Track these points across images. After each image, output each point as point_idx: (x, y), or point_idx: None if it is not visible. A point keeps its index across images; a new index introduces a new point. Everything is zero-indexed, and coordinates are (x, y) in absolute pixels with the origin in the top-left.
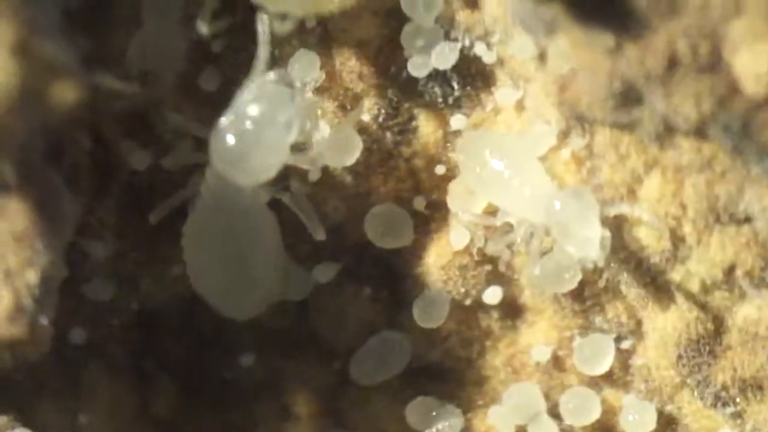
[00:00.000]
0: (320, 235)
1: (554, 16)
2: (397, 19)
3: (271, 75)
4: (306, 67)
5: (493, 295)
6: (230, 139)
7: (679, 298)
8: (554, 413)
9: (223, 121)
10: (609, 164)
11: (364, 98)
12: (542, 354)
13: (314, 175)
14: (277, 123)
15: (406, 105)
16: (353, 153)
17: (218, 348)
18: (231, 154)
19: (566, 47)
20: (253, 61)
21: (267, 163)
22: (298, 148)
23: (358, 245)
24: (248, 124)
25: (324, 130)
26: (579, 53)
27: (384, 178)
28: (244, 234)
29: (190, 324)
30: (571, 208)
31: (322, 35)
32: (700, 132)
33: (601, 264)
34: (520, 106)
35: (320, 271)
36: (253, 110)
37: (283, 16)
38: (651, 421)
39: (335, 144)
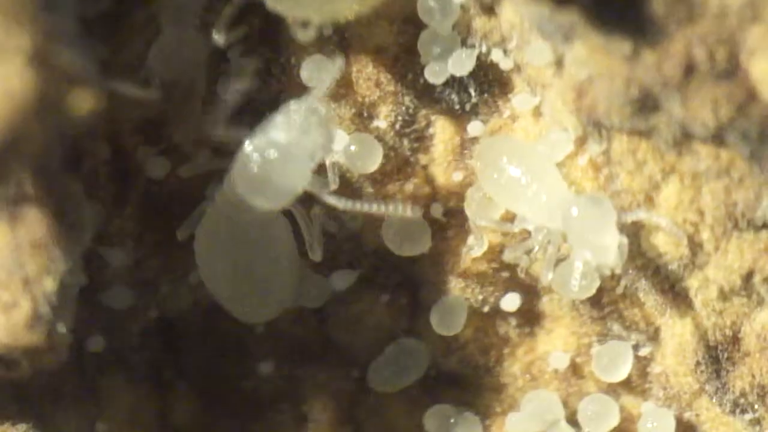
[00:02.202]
0: (317, 257)
1: (571, 23)
2: (414, 26)
3: (299, 103)
4: (325, 75)
5: (511, 302)
6: (253, 166)
7: (697, 304)
8: (572, 420)
9: (248, 146)
10: (626, 171)
11: (381, 106)
12: (560, 361)
13: (333, 185)
14: (302, 152)
15: (423, 112)
16: (375, 160)
17: (237, 356)
18: (253, 181)
19: (583, 53)
20: (270, 68)
21: (287, 191)
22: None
23: (375, 252)
24: (273, 153)
25: (341, 137)
26: (596, 59)
27: (401, 185)
28: (255, 240)
29: (208, 332)
30: (589, 215)
31: (339, 42)
32: (717, 138)
33: (618, 271)
34: (537, 112)
35: (338, 278)
36: (280, 138)
37: (305, 24)
38: (669, 428)
39: (356, 152)
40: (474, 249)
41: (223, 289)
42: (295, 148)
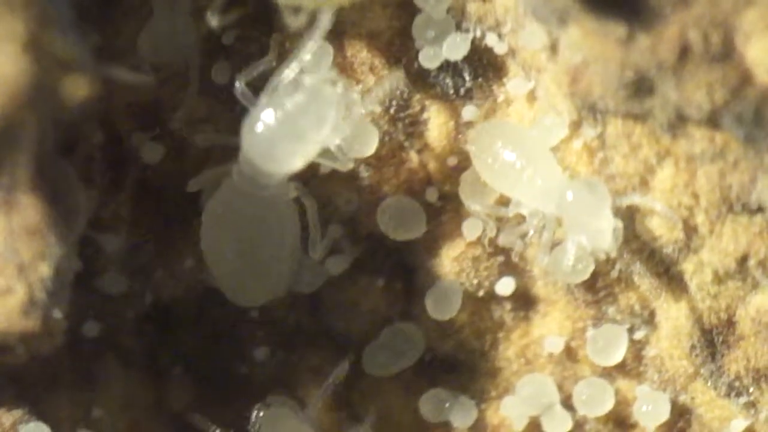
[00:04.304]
0: (317, 254)
1: (566, 6)
2: (407, 10)
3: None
4: (318, 57)
5: (505, 286)
6: (262, 124)
7: (692, 288)
8: (567, 404)
9: (259, 105)
10: (621, 155)
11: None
12: (555, 345)
13: (348, 165)
14: (311, 115)
15: (418, 96)
16: (371, 144)
17: (232, 341)
18: (261, 139)
19: (578, 37)
20: (265, 52)
21: (294, 153)
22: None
23: (370, 237)
24: (282, 113)
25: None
26: (591, 43)
27: (396, 170)
28: (264, 219)
29: (203, 317)
30: (584, 199)
31: (333, 27)
32: (712, 121)
33: (613, 254)
34: (531, 96)
35: (333, 263)
36: (290, 100)
37: (297, 10)
38: (664, 411)
39: (353, 136)
40: (468, 233)
41: (222, 267)
42: (304, 109)
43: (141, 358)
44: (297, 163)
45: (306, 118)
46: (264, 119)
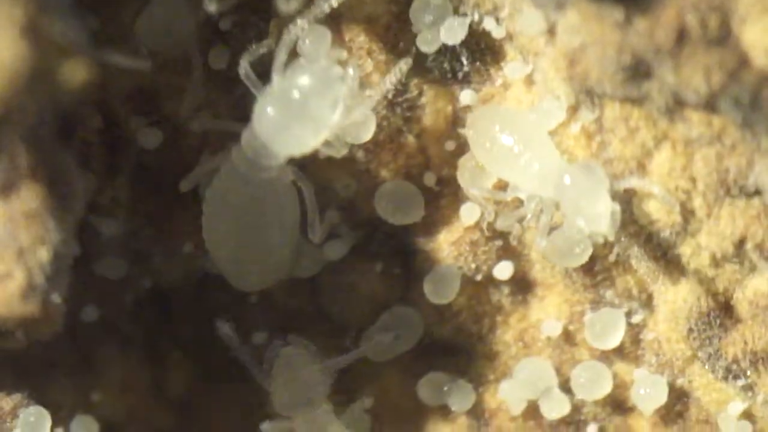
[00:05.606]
0: (317, 239)
1: None
2: None
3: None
4: (316, 41)
5: (503, 270)
6: (275, 105)
7: (690, 271)
8: (565, 388)
9: (272, 85)
10: (619, 138)
11: (373, 75)
12: (553, 328)
13: (342, 151)
14: (324, 99)
15: (415, 81)
16: (369, 129)
17: (231, 326)
18: (273, 119)
19: (576, 21)
20: (263, 38)
21: (305, 136)
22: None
23: (368, 222)
24: (296, 94)
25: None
26: (588, 27)
27: (394, 155)
28: (265, 202)
29: (202, 302)
30: (581, 183)
31: (330, 12)
32: (709, 105)
33: (611, 238)
34: (529, 80)
35: (331, 248)
36: (304, 81)
37: None
38: (662, 394)
39: (351, 121)
40: (466, 217)
41: (224, 252)
42: (318, 92)
43: (140, 343)
44: (308, 145)
45: (321, 100)
46: (277, 101)
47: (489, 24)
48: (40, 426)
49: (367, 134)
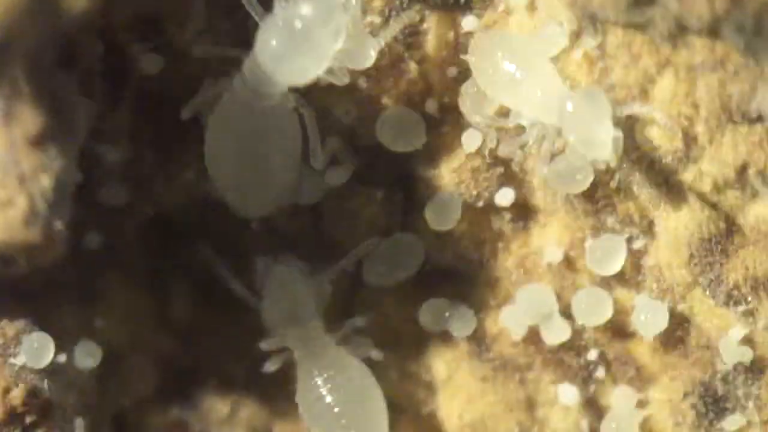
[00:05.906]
0: (318, 164)
1: None
2: None
3: None
4: None
5: (505, 196)
6: (277, 35)
7: (691, 197)
8: (566, 313)
9: (274, 15)
10: (621, 64)
11: (375, 1)
12: (554, 255)
13: (344, 80)
14: (327, 27)
15: (417, 7)
16: (370, 55)
17: (233, 252)
18: (275, 49)
19: None
20: None
21: (307, 66)
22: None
23: (370, 148)
24: (298, 23)
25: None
26: None
27: (395, 81)
28: (268, 128)
29: (205, 228)
30: (584, 109)
31: None
32: (712, 31)
33: (613, 164)
34: (532, 6)
35: (332, 175)
36: (306, 10)
37: None
38: (663, 320)
39: (351, 48)
40: (468, 144)
41: (227, 178)
42: (321, 20)
43: (143, 269)
44: (311, 75)
45: (323, 29)
46: (280, 31)
47: None
48: (44, 351)
49: (369, 60)
